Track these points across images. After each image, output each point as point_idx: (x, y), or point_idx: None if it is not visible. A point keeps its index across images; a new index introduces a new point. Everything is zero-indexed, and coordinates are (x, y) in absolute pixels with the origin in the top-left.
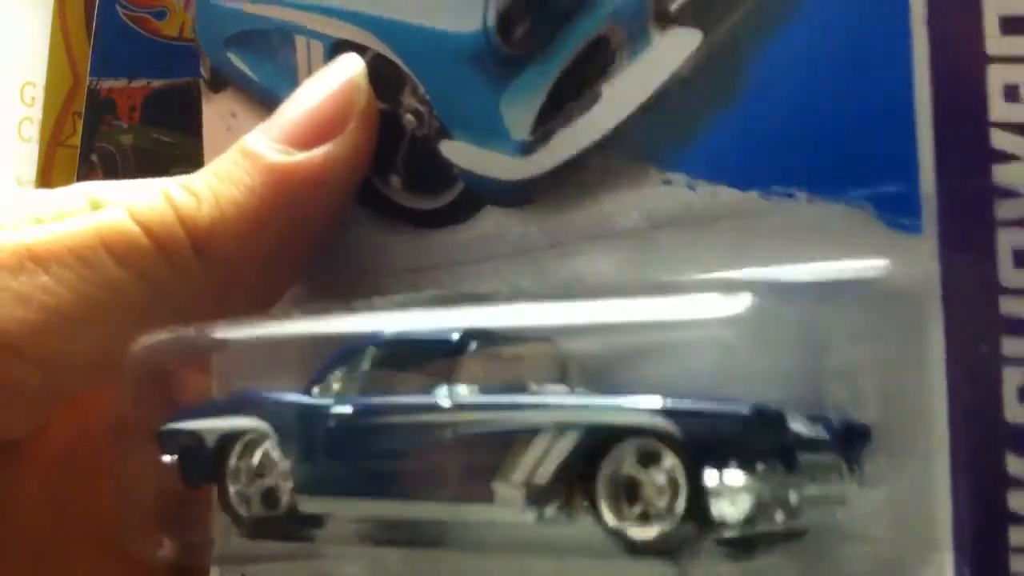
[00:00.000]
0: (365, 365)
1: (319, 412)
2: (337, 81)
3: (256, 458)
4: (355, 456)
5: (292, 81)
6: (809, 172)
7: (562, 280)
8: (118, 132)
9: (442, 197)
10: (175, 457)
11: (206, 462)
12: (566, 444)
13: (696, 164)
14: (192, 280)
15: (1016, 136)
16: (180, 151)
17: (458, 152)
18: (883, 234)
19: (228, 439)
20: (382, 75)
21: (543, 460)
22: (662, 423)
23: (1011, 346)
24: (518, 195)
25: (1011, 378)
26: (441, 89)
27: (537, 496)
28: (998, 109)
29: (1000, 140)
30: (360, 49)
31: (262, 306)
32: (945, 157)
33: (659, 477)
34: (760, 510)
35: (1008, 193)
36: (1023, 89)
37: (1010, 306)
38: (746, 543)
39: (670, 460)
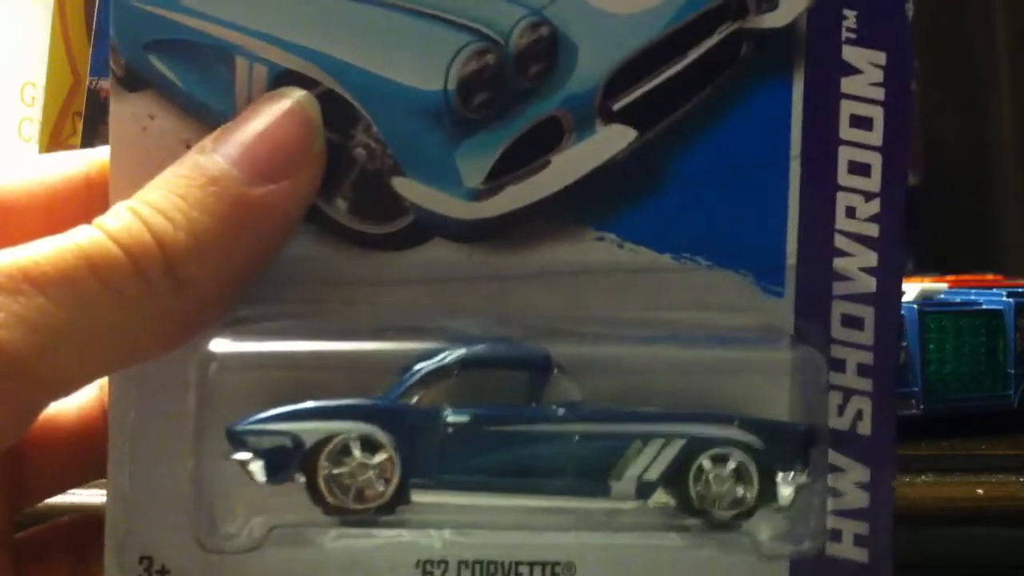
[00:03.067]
0: (449, 379)
1: (434, 420)
2: (297, 118)
3: (354, 459)
4: (475, 458)
5: (228, 96)
6: (709, 245)
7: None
8: None
9: (391, 225)
10: (260, 455)
11: (298, 462)
12: (672, 451)
13: (624, 228)
14: (164, 301)
15: (851, 241)
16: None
17: (411, 189)
18: (757, 295)
19: (326, 441)
20: (333, 109)
21: (654, 462)
22: (748, 437)
23: (835, 378)
24: (467, 231)
25: (834, 399)
26: (397, 134)
27: (645, 490)
28: (841, 222)
29: (839, 242)
30: (309, 81)
31: (214, 323)
32: (805, 249)
33: (730, 473)
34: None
35: (840, 276)
36: (858, 210)
37: (836, 351)
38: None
39: (740, 461)
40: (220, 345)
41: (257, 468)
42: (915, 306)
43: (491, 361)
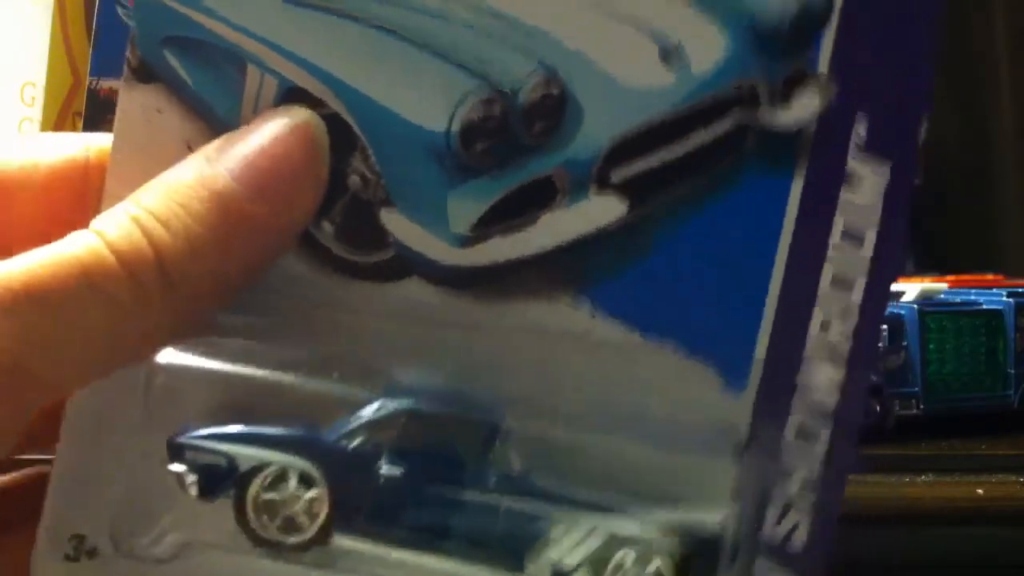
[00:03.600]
0: (394, 429)
1: (369, 467)
2: (305, 140)
3: (287, 489)
4: (401, 512)
5: (235, 103)
6: (680, 329)
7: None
8: None
9: (372, 255)
10: (195, 470)
11: (232, 483)
12: (594, 542)
13: (601, 298)
14: (157, 308)
15: (821, 353)
16: None
17: (398, 224)
18: (719, 388)
19: (261, 468)
20: (335, 132)
21: (573, 550)
22: (673, 541)
23: (779, 487)
24: (446, 275)
25: (772, 508)
26: (394, 167)
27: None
28: (814, 333)
29: (810, 351)
30: (316, 101)
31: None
32: (774, 351)
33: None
34: None
35: (804, 387)
36: (833, 325)
37: (786, 460)
38: None
39: (661, 565)
40: (169, 356)
41: (191, 482)
42: (915, 306)
43: (438, 419)
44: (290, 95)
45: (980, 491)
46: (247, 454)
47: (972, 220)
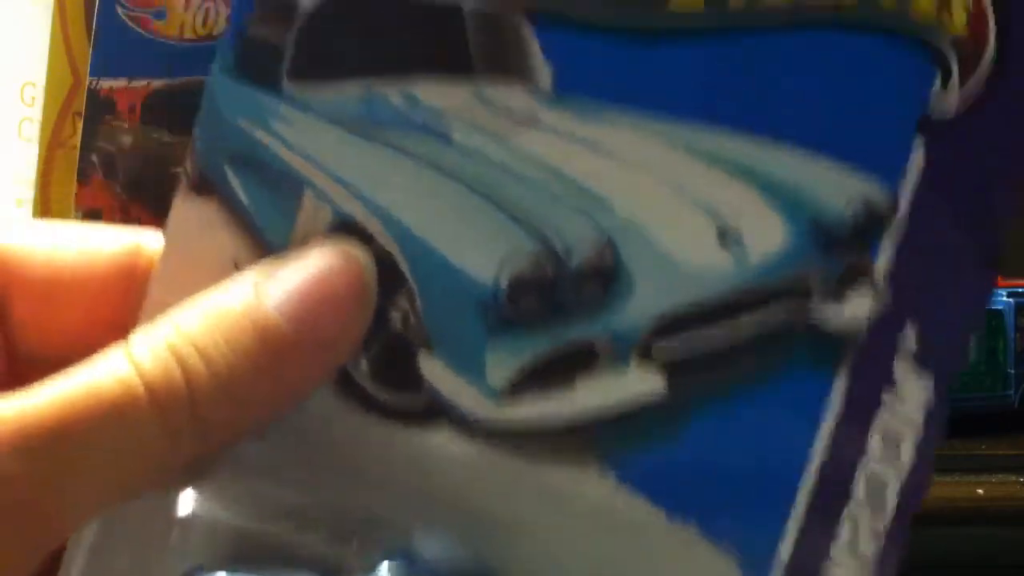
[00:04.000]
0: None
1: None
2: (356, 280)
3: None
4: None
5: (288, 228)
6: (706, 512)
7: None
8: (118, 132)
9: (405, 398)
10: None
11: None
12: None
13: (629, 471)
14: (182, 447)
15: (844, 566)
16: (180, 151)
17: (434, 370)
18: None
19: None
20: (382, 269)
21: None
22: None
23: None
24: (477, 428)
25: None
26: (437, 311)
27: None
28: (838, 547)
29: (833, 558)
30: (367, 236)
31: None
32: (799, 554)
33: None
34: None
35: None
36: (861, 530)
37: None
38: None
39: None
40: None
41: None
42: None
43: None
44: (342, 226)
45: (980, 491)
46: None
47: None
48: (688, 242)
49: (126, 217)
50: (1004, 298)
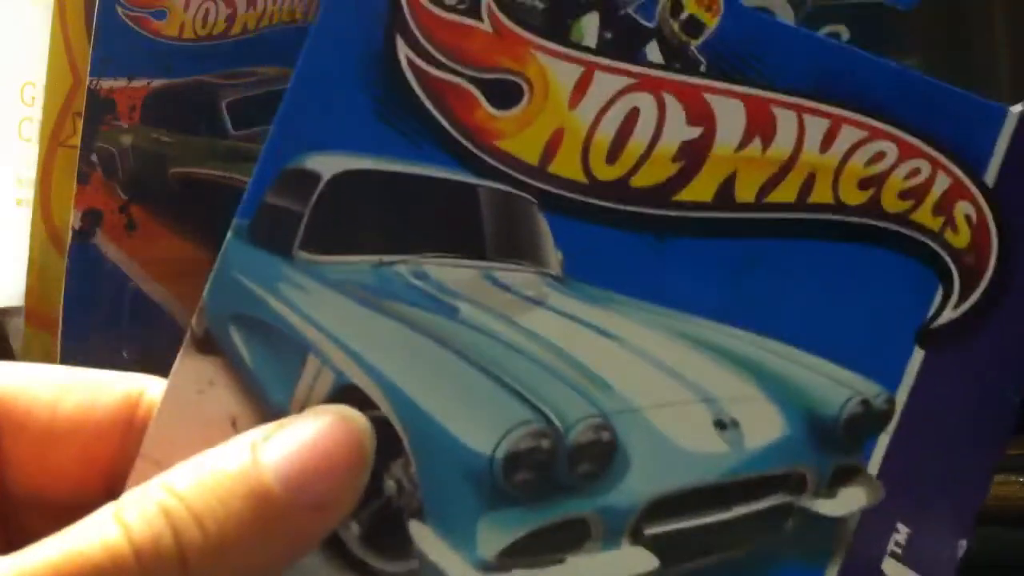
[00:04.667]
0: None
1: None
2: (354, 451)
3: None
4: None
5: (289, 390)
6: None
7: None
8: (118, 132)
9: (393, 564)
10: None
11: None
12: None
13: None
14: None
15: None
16: (180, 151)
17: (425, 537)
18: None
19: None
20: (380, 435)
21: None
22: None
23: None
24: None
25: None
26: (432, 480)
27: None
28: None
29: None
30: (367, 401)
31: None
32: None
33: None
34: None
35: None
36: None
37: None
38: None
39: None
40: None
41: None
42: None
43: None
44: (344, 392)
45: None
46: None
47: None
48: (685, 428)
49: (126, 217)
50: None
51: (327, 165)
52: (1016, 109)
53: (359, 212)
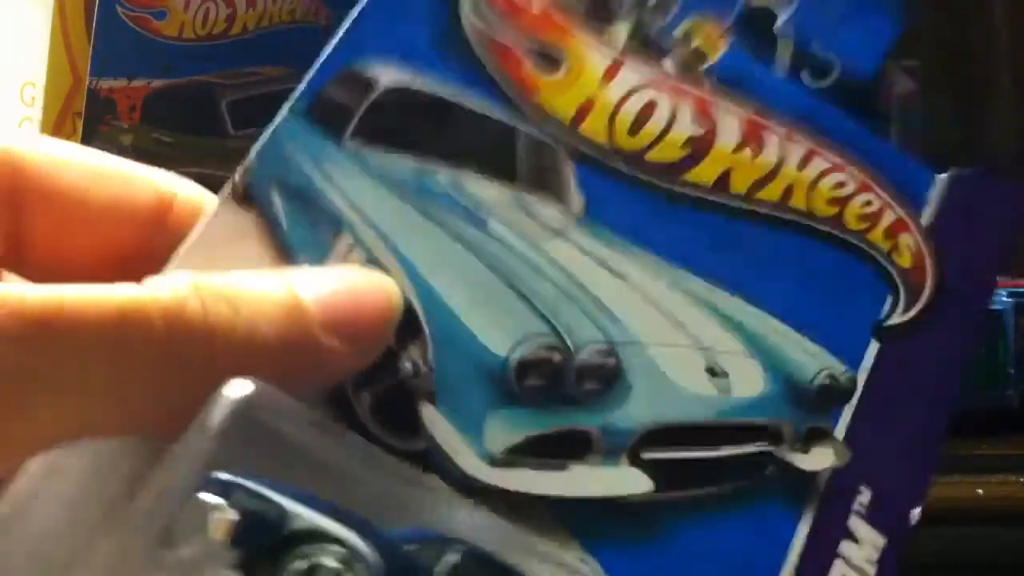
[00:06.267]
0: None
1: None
2: (386, 302)
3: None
4: None
5: (319, 259)
6: None
7: None
8: (118, 132)
9: (400, 442)
10: (238, 509)
11: (267, 548)
12: None
13: (608, 561)
14: (189, 373)
15: None
16: (180, 151)
17: (434, 420)
18: None
19: (308, 539)
20: (404, 317)
21: None
22: None
23: None
24: (466, 484)
25: None
26: (447, 368)
27: None
28: None
29: None
30: None
31: None
32: None
33: None
34: None
35: None
36: None
37: None
38: None
39: None
40: None
41: (227, 518)
42: None
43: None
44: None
45: (980, 491)
46: (303, 514)
47: None
48: (683, 369)
49: None
50: (1004, 298)
51: (387, 75)
52: (943, 176)
53: (409, 123)
